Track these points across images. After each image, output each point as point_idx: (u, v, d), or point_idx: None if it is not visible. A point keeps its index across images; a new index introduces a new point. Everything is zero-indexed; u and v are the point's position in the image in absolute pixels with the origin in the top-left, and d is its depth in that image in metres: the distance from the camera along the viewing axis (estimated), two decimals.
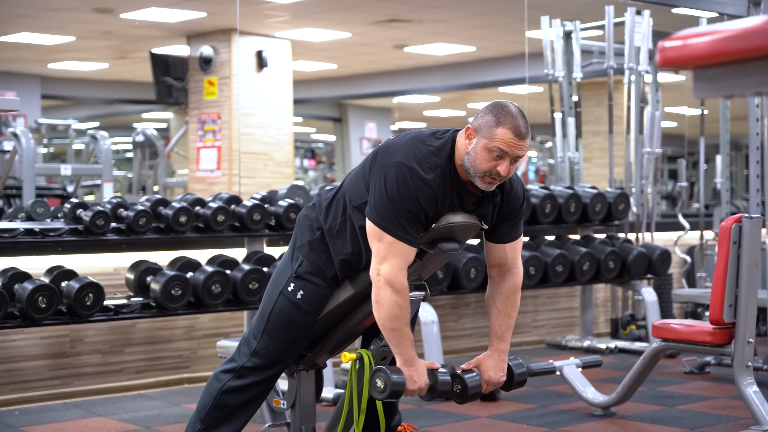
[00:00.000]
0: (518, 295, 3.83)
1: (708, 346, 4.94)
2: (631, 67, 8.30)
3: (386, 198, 3.50)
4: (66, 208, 5.80)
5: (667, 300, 8.19)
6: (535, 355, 7.52)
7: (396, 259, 3.51)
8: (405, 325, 3.55)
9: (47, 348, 5.96)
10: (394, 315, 3.51)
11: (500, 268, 3.81)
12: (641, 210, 8.27)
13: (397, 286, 3.50)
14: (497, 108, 3.54)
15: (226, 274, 5.83)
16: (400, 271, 3.51)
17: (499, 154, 3.50)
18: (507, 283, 3.81)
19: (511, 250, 3.79)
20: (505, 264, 3.79)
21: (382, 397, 3.55)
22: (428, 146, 3.58)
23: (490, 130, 3.50)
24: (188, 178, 13.05)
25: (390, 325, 3.53)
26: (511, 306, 3.80)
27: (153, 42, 13.48)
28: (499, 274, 3.82)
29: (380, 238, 3.52)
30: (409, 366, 3.55)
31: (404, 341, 3.55)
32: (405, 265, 3.53)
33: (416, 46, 14.04)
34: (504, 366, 3.77)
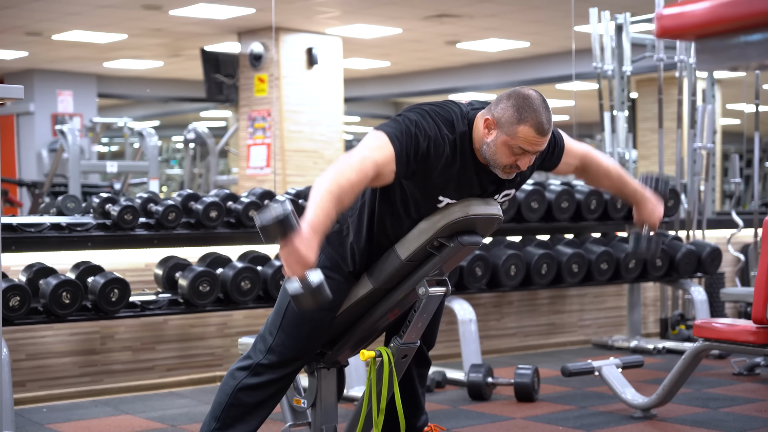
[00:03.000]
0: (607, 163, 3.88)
1: (751, 345, 4.72)
2: (682, 60, 8.07)
3: (400, 121, 3.35)
4: (95, 202, 5.72)
5: (719, 299, 7.94)
6: (580, 355, 7.32)
7: (377, 153, 3.24)
8: (338, 201, 3.15)
9: (77, 345, 5.89)
10: (338, 183, 3.13)
11: (576, 170, 3.86)
12: (693, 207, 8.04)
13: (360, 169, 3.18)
14: (519, 101, 3.37)
15: (256, 270, 5.72)
16: (373, 163, 3.22)
17: (519, 151, 3.38)
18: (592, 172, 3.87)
19: (569, 157, 3.78)
20: (577, 166, 3.83)
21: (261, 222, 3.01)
22: (450, 111, 3.45)
23: (512, 127, 3.35)
24: (239, 176, 13.01)
25: (328, 186, 3.12)
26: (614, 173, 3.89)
27: (204, 39, 13.47)
28: (581, 173, 3.88)
29: (374, 137, 3.29)
30: (312, 231, 3.06)
31: (326, 210, 3.10)
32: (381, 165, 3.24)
33: (468, 42, 13.89)
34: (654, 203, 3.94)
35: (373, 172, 3.24)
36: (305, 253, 3.04)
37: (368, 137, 3.32)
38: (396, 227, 3.55)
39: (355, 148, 3.28)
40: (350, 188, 3.18)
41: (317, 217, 3.10)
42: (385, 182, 3.35)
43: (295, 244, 3.02)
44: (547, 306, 7.73)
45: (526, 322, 7.59)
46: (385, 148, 3.27)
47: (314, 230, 3.08)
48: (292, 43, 12.41)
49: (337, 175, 3.17)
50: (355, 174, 3.19)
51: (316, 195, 3.13)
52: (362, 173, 3.21)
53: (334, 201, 3.14)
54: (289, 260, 3.05)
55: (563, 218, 6.89)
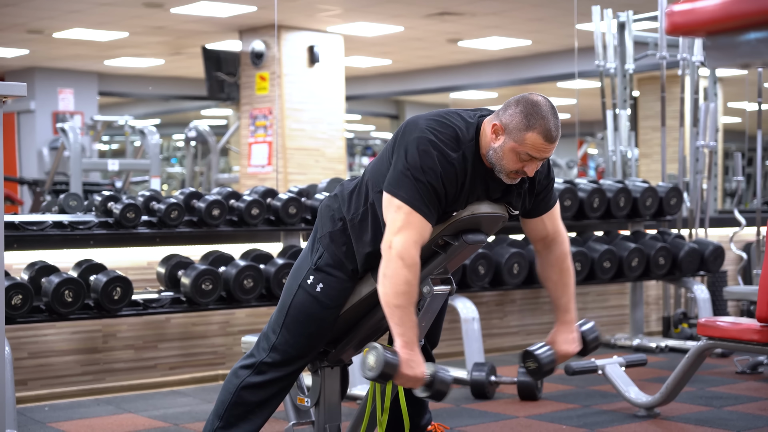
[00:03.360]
0: (569, 260, 3.69)
1: (755, 344, 4.70)
2: (684, 58, 8.05)
3: (407, 170, 3.34)
4: (97, 200, 5.71)
5: (722, 298, 7.92)
6: None
7: (411, 231, 3.31)
8: (411, 304, 3.33)
9: (79, 343, 5.88)
10: (401, 291, 3.29)
11: (544, 241, 3.69)
12: (695, 205, 8.02)
13: (408, 260, 3.30)
14: (528, 107, 3.35)
15: (258, 269, 5.70)
16: (413, 244, 3.31)
17: (527, 158, 3.37)
18: (554, 254, 3.68)
19: (549, 220, 3.66)
20: (547, 236, 3.67)
21: (371, 376, 3.29)
22: (453, 125, 3.42)
23: (520, 134, 3.34)
24: (240, 174, 13.00)
25: (395, 301, 3.30)
26: (566, 275, 3.68)
27: (206, 37, 13.45)
28: (545, 247, 3.70)
29: (397, 209, 3.33)
30: (409, 350, 3.30)
31: (407, 322, 3.31)
32: (420, 240, 3.33)
33: (470, 40, 13.87)
34: (575, 336, 3.66)
35: (419, 251, 3.34)
36: (416, 373, 3.30)
37: (392, 213, 3.35)
38: None
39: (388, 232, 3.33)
40: (413, 286, 3.32)
41: (406, 335, 3.31)
42: None
43: (406, 373, 3.29)
44: (550, 304, 7.65)
45: (529, 321, 7.58)
46: (413, 219, 3.32)
47: (410, 347, 3.31)
48: (294, 41, 12.39)
49: (398, 285, 3.29)
50: (410, 270, 3.30)
51: (393, 315, 3.31)
52: (413, 262, 3.31)
53: (408, 308, 3.31)
54: (409, 384, 3.35)
55: (566, 217, 6.87)
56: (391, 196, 3.36)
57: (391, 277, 3.30)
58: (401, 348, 3.29)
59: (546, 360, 3.59)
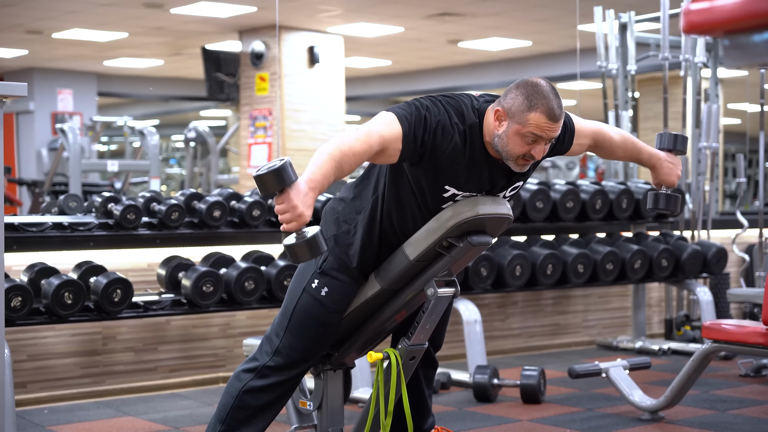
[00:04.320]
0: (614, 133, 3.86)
1: (761, 347, 4.66)
2: (687, 59, 8.01)
3: (410, 103, 3.34)
4: (97, 202, 5.67)
5: (724, 300, 7.89)
6: (585, 356, 7.27)
7: (384, 128, 3.23)
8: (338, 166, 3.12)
9: (78, 345, 5.84)
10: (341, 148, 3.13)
11: (589, 148, 3.85)
12: (697, 207, 7.99)
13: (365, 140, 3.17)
14: (528, 88, 3.34)
15: (260, 271, 5.66)
16: (379, 136, 3.21)
17: (533, 139, 3.33)
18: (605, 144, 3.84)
19: (580, 138, 3.76)
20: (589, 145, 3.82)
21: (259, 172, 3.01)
22: (461, 101, 3.43)
23: (522, 115, 3.31)
24: (239, 175, 12.96)
25: (330, 149, 3.12)
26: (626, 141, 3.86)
27: (205, 38, 13.42)
28: (594, 149, 3.87)
29: (383, 115, 3.28)
30: (309, 186, 3.04)
31: (325, 170, 3.09)
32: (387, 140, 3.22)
33: (471, 41, 13.84)
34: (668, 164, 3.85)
35: (378, 146, 3.22)
36: (301, 207, 3.01)
37: (377, 116, 3.31)
38: (402, 221, 3.49)
39: (364, 124, 3.28)
40: (352, 155, 3.16)
41: (314, 175, 3.07)
42: (388, 160, 3.31)
43: (291, 197, 3.00)
44: (552, 306, 7.67)
45: (531, 323, 7.54)
46: (393, 125, 3.25)
47: (311, 187, 3.05)
48: (294, 41, 12.35)
49: (341, 142, 3.17)
50: (359, 143, 3.18)
51: (317, 156, 3.12)
52: (367, 144, 3.19)
53: (333, 163, 3.12)
54: (284, 213, 3.03)
55: (568, 218, 6.83)
56: (386, 111, 3.32)
57: (342, 138, 3.18)
58: (303, 181, 3.04)
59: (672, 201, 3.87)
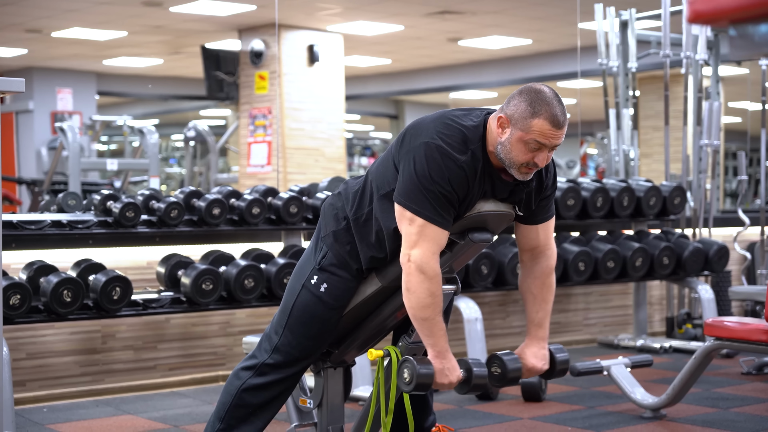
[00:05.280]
0: (553, 277, 3.62)
1: (763, 345, 4.64)
2: (688, 56, 7.98)
3: (416, 179, 3.29)
4: (96, 199, 5.64)
5: (726, 298, 7.86)
6: (586, 354, 7.25)
7: (428, 243, 3.29)
8: (437, 314, 3.32)
9: (77, 344, 5.81)
10: (426, 303, 3.29)
11: (532, 252, 3.59)
12: (699, 204, 7.96)
13: (429, 272, 3.29)
14: (532, 95, 3.30)
15: (259, 269, 5.64)
16: (432, 255, 3.30)
17: (536, 146, 3.29)
18: (540, 267, 3.60)
19: (543, 231, 3.57)
20: (537, 246, 3.58)
21: (409, 389, 3.33)
22: (460, 126, 3.36)
23: (526, 122, 3.27)
24: (239, 174, 12.93)
25: (421, 314, 3.31)
26: (547, 290, 3.61)
27: (205, 36, 13.38)
28: (532, 258, 3.61)
29: (411, 221, 3.30)
30: (441, 358, 3.33)
31: (437, 332, 3.33)
32: (437, 250, 3.32)
33: (471, 40, 13.80)
34: (545, 353, 3.59)
35: (438, 260, 3.32)
36: (452, 379, 3.35)
37: (407, 226, 3.31)
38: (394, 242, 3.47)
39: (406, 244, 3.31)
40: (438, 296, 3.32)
41: (437, 345, 3.33)
42: None
43: (442, 382, 3.34)
44: (553, 304, 7.63)
45: None
46: (428, 231, 3.29)
47: (442, 356, 3.34)
48: (293, 40, 12.32)
49: (421, 298, 3.29)
50: (432, 282, 3.29)
51: (422, 327, 3.33)
52: (434, 274, 3.30)
53: (435, 319, 3.32)
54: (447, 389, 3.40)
55: (569, 216, 6.81)
56: (403, 208, 3.32)
57: (414, 291, 3.29)
58: (434, 358, 3.33)
59: (511, 367, 3.49)
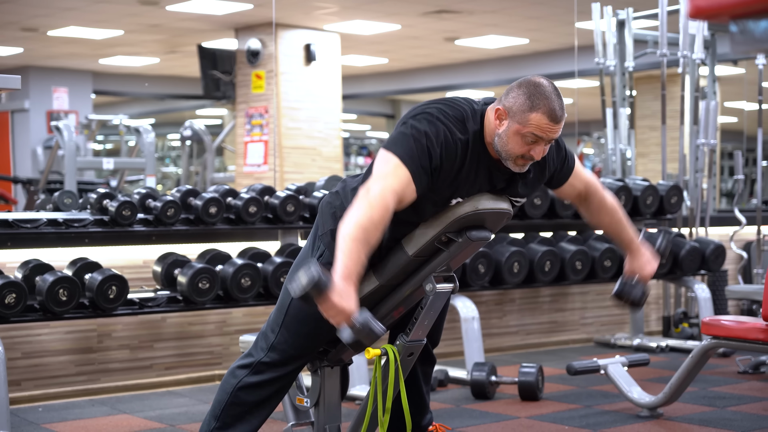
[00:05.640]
0: (610, 200, 3.75)
1: (761, 343, 4.63)
2: (685, 56, 7.98)
3: (408, 132, 3.26)
4: (92, 198, 5.63)
5: (722, 297, 7.86)
6: (582, 353, 7.24)
7: (393, 180, 3.19)
8: (366, 243, 3.13)
9: (73, 343, 5.80)
10: (363, 226, 3.11)
11: (579, 197, 3.74)
12: (695, 204, 7.96)
13: (381, 203, 3.14)
14: (531, 88, 3.29)
15: (256, 267, 5.63)
16: (392, 192, 3.17)
17: (533, 139, 3.28)
18: (594, 202, 3.73)
19: (576, 179, 3.67)
20: (580, 192, 3.70)
21: (296, 291, 3.07)
22: (460, 109, 3.35)
23: (523, 115, 3.26)
24: (236, 173, 12.92)
25: (353, 232, 3.10)
26: (615, 213, 3.74)
27: (201, 35, 13.38)
28: (582, 201, 3.75)
29: (387, 161, 3.23)
30: (346, 281, 3.08)
31: (355, 257, 3.11)
32: (399, 192, 3.18)
33: (468, 39, 13.80)
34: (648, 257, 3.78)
35: (394, 202, 3.19)
36: (344, 305, 3.07)
37: (380, 162, 3.25)
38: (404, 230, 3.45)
39: (371, 179, 3.22)
40: (374, 227, 3.15)
41: (347, 267, 3.11)
42: (408, 203, 3.27)
43: (333, 300, 3.06)
44: (549, 304, 7.64)
45: (528, 320, 7.51)
46: (400, 172, 3.21)
47: (347, 279, 3.10)
48: (290, 39, 12.32)
49: (359, 218, 3.14)
50: (377, 211, 3.14)
51: (343, 243, 3.13)
52: (383, 207, 3.16)
53: (361, 244, 3.13)
54: (331, 314, 3.11)
55: (566, 215, 6.80)
56: (386, 151, 3.26)
57: (357, 211, 3.14)
58: (339, 277, 3.08)
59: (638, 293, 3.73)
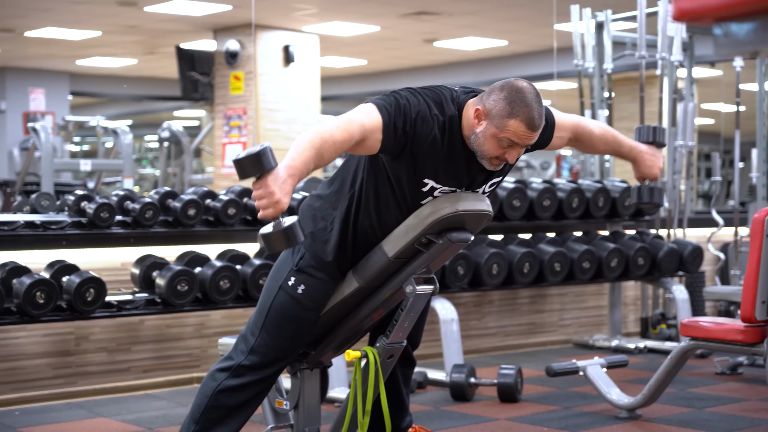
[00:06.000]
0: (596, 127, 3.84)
1: (739, 345, 4.65)
2: (664, 58, 8.00)
3: (389, 95, 3.27)
4: (70, 200, 5.59)
5: (700, 298, 7.88)
6: (561, 355, 7.25)
7: (364, 117, 3.19)
8: (318, 153, 3.08)
9: (50, 346, 5.76)
10: (322, 136, 3.08)
11: (569, 141, 3.81)
12: (673, 205, 7.98)
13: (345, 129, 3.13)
14: (512, 94, 3.28)
15: (235, 269, 5.61)
16: (359, 125, 3.16)
17: (509, 144, 3.28)
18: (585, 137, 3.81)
19: (560, 131, 3.71)
20: (570, 137, 3.78)
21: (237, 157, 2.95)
22: (441, 93, 3.35)
23: (502, 120, 3.26)
24: (214, 175, 12.88)
25: (311, 137, 3.08)
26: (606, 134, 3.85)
27: (180, 36, 13.34)
28: (574, 143, 3.83)
29: (362, 107, 3.24)
30: (288, 172, 2.99)
31: (304, 157, 3.04)
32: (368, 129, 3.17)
33: (446, 41, 13.81)
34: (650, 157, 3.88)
35: (359, 135, 3.17)
36: (278, 194, 2.96)
37: (358, 107, 3.26)
38: (379, 217, 3.44)
39: (343, 114, 3.24)
40: (332, 143, 3.11)
41: (294, 162, 3.02)
42: (369, 151, 3.27)
43: (269, 182, 2.95)
44: (528, 305, 7.65)
45: (507, 322, 7.51)
46: (373, 115, 3.21)
47: (290, 174, 3.00)
48: (269, 40, 12.29)
49: (321, 130, 3.12)
50: (340, 132, 3.13)
51: (297, 143, 3.07)
52: (347, 132, 3.14)
53: (314, 151, 3.07)
54: (261, 198, 2.97)
55: (545, 216, 6.81)
56: (366, 102, 3.28)
57: (323, 126, 3.13)
58: (283, 168, 2.99)
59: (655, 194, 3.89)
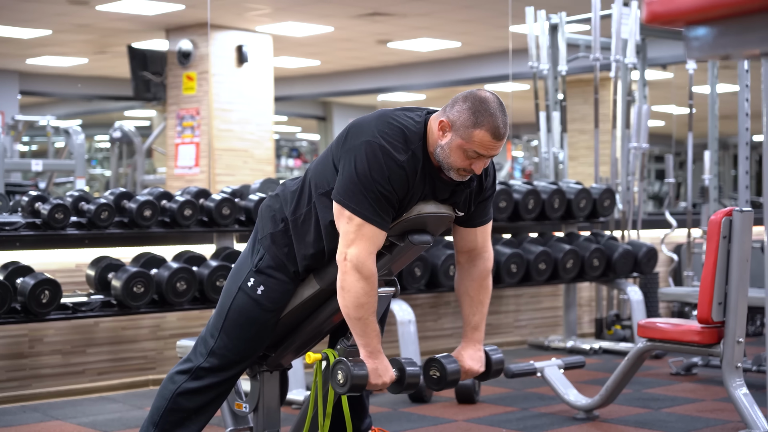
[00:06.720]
0: (489, 280, 3.60)
1: (696, 346, 4.69)
2: (617, 60, 8.05)
3: (356, 178, 3.25)
4: (24, 201, 5.52)
5: (654, 299, 7.94)
6: (517, 356, 7.27)
7: (365, 242, 3.25)
8: (371, 314, 3.29)
9: (3, 348, 5.68)
10: (360, 303, 3.26)
11: (470, 254, 3.57)
12: (627, 207, 8.04)
13: (365, 272, 3.25)
14: (476, 104, 3.27)
15: (192, 271, 5.57)
16: (369, 255, 3.26)
17: (474, 155, 3.27)
18: (478, 269, 3.57)
19: (481, 233, 3.56)
20: (475, 249, 3.56)
21: (343, 391, 3.29)
22: (401, 125, 3.33)
23: (467, 131, 3.25)
24: (166, 176, 12.79)
25: (355, 313, 3.27)
26: (484, 293, 3.58)
27: (132, 36, 13.22)
28: (469, 260, 3.58)
29: (349, 220, 3.26)
30: (374, 359, 3.31)
31: (370, 332, 3.30)
32: (374, 250, 3.28)
33: (400, 42, 13.81)
34: (482, 355, 3.57)
35: (374, 260, 3.30)
36: (385, 381, 3.33)
37: (345, 225, 3.27)
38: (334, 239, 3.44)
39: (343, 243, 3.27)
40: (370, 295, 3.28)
41: (368, 344, 3.31)
42: None
43: (375, 383, 3.31)
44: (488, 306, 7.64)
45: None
46: (367, 231, 3.26)
47: (375, 356, 3.32)
48: (222, 40, 12.22)
49: (356, 297, 3.27)
50: (367, 282, 3.27)
51: (355, 327, 3.30)
52: (370, 273, 3.27)
53: (368, 320, 3.29)
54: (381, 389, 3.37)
55: (501, 218, 6.83)
56: (341, 206, 3.28)
57: (349, 290, 3.26)
58: (366, 358, 3.30)
59: (451, 370, 3.46)
